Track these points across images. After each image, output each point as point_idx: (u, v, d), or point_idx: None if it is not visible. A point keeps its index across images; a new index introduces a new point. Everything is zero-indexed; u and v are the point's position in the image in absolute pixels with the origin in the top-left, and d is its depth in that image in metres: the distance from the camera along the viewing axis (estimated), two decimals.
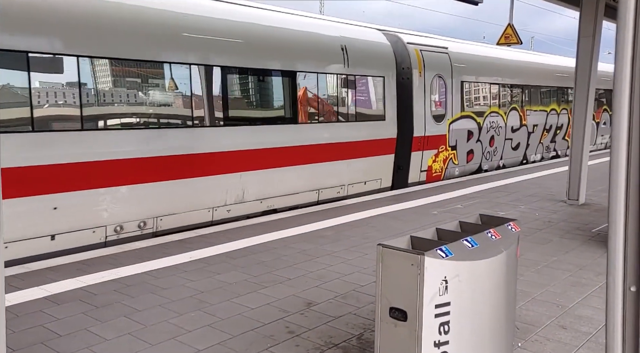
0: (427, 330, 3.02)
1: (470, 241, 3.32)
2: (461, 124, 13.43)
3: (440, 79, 12.63)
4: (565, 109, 18.45)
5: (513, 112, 15.64)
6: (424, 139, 12.16)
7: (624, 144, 2.08)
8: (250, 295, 5.29)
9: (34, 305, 4.99)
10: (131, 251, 6.74)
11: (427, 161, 12.45)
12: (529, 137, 16.59)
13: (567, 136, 18.54)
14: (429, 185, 12.01)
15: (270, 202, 9.22)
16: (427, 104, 12.20)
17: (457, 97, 13.18)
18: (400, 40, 11.95)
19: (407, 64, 11.80)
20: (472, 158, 14.08)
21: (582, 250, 6.99)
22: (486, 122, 14.44)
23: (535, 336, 4.43)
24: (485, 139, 14.47)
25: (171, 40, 7.75)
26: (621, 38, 2.04)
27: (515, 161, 16.29)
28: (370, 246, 7.04)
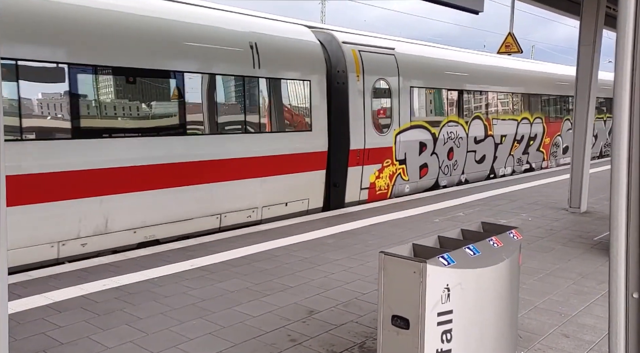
0: (429, 338, 3.01)
1: (473, 249, 3.32)
2: (411, 135, 11.86)
3: (384, 84, 11.13)
4: (539, 118, 16.87)
5: (476, 122, 14.03)
6: (363, 153, 10.66)
7: (625, 151, 2.09)
8: (251, 303, 5.28)
9: (36, 312, 4.99)
10: (132, 259, 6.74)
11: (368, 177, 10.89)
12: (496, 149, 15.01)
13: (543, 147, 17.33)
14: (373, 204, 10.55)
15: (149, 232, 7.62)
16: (368, 112, 10.70)
17: (405, 105, 11.62)
18: (335, 40, 10.47)
19: (343, 67, 10.31)
20: (427, 173, 12.48)
21: (584, 258, 6.97)
22: (443, 132, 12.82)
23: (538, 345, 4.42)
24: (442, 151, 12.87)
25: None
26: (621, 47, 2.05)
27: (480, 176, 14.70)
28: (372, 254, 7.04)
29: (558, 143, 18.22)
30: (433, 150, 12.57)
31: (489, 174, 15.01)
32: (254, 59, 8.76)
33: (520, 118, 15.87)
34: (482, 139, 14.33)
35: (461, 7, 5.85)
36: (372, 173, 11.00)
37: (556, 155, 18.24)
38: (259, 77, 8.86)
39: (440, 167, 12.89)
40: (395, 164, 11.52)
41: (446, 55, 13.52)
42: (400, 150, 11.57)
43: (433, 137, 12.52)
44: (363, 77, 10.57)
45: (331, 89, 10.33)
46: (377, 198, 11.24)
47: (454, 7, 5.82)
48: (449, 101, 13.07)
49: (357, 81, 10.44)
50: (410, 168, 11.97)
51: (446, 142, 12.94)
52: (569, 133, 18.18)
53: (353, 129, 10.42)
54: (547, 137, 17.38)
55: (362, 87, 10.57)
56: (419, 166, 12.25)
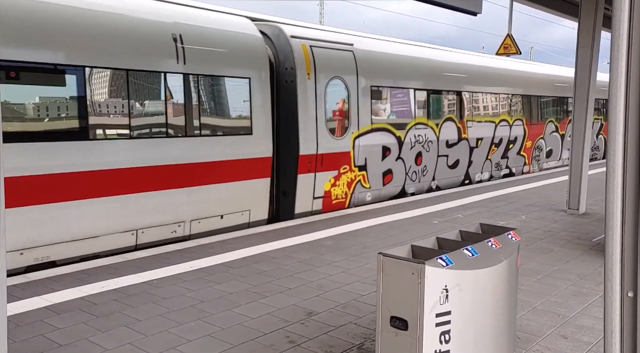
0: (428, 339, 3.02)
1: (471, 250, 3.33)
2: (372, 138, 10.87)
3: (340, 83, 10.17)
4: (519, 120, 15.86)
5: (448, 124, 13.01)
6: (316, 158, 9.70)
7: (620, 151, 2.11)
8: (250, 305, 5.28)
9: (35, 314, 4.99)
10: (131, 260, 6.74)
11: (323, 185, 9.91)
12: (471, 153, 13.98)
13: (524, 151, 16.36)
14: (329, 215, 9.61)
15: (42, 252, 6.63)
16: (321, 114, 9.76)
17: (365, 106, 10.64)
18: (282, 33, 9.49)
19: (291, 64, 9.34)
20: (391, 180, 11.49)
21: (582, 259, 6.98)
22: (409, 136, 11.79)
23: (536, 346, 4.43)
24: (408, 156, 11.84)
25: None
26: (616, 48, 2.06)
27: (453, 182, 13.71)
28: (371, 255, 7.04)
29: (541, 147, 17.29)
30: (398, 155, 11.58)
31: (464, 180, 14.04)
32: (177, 53, 7.72)
33: (498, 120, 14.92)
34: (455, 143, 13.36)
35: (459, 8, 5.86)
36: (327, 181, 10.02)
37: (539, 159, 17.34)
38: (185, 74, 7.80)
39: (407, 173, 11.92)
40: (354, 170, 10.55)
41: (414, 52, 12.46)
42: (359, 155, 10.60)
43: (398, 141, 11.53)
44: (315, 75, 9.63)
45: (279, 88, 9.41)
46: (333, 207, 10.26)
47: (452, 9, 5.83)
48: (417, 102, 12.05)
49: (307, 79, 9.49)
50: (371, 174, 10.99)
51: (413, 146, 11.95)
52: (553, 135, 17.71)
53: (303, 133, 9.48)
54: (529, 140, 16.51)
55: (313, 87, 9.63)
56: (382, 172, 11.26)
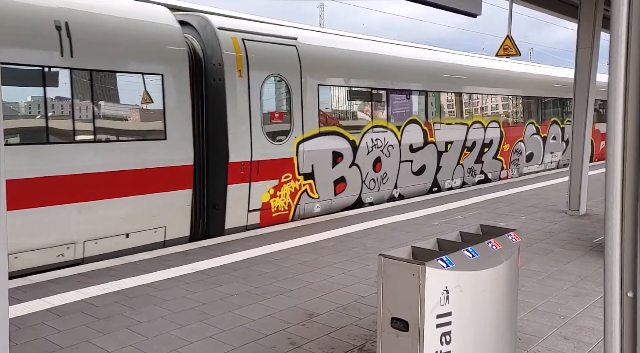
0: (428, 340, 3.03)
1: (471, 251, 3.33)
2: (320, 143, 9.79)
3: (280, 82, 9.13)
4: (495, 122, 14.71)
5: (412, 127, 11.90)
6: (250, 166, 8.62)
7: (619, 151, 2.11)
8: (251, 306, 5.29)
9: (36, 317, 4.99)
10: (132, 263, 6.74)
11: (260, 196, 8.85)
12: (439, 158, 12.85)
13: (501, 155, 15.21)
14: (269, 229, 8.64)
15: None
16: (256, 116, 8.67)
17: (311, 108, 9.59)
18: (209, 25, 8.39)
19: (219, 59, 8.29)
20: (344, 188, 10.41)
21: (583, 260, 6.99)
22: (366, 140, 10.71)
23: (537, 347, 4.43)
24: (365, 162, 10.76)
25: None
26: (615, 49, 2.08)
27: (419, 190, 12.53)
28: (371, 256, 7.05)
29: (520, 150, 16.16)
30: (353, 161, 10.48)
31: (432, 188, 12.92)
32: (62, 45, 6.59)
33: (471, 122, 13.73)
34: (421, 147, 12.21)
35: (459, 10, 5.88)
36: (264, 191, 8.92)
37: (518, 163, 16.20)
38: (72, 69, 6.67)
39: (363, 181, 10.81)
40: (299, 179, 9.44)
41: (371, 48, 11.33)
42: (305, 162, 9.51)
43: (352, 145, 10.43)
44: (248, 72, 8.56)
45: (207, 87, 8.42)
46: (273, 220, 9.15)
47: (452, 11, 5.85)
48: (375, 102, 10.94)
49: (238, 77, 8.41)
50: (320, 183, 9.91)
51: (371, 151, 10.84)
52: (533, 138, 16.76)
53: (234, 138, 8.40)
54: (506, 143, 15.40)
55: (246, 85, 8.53)
56: (334, 180, 10.17)
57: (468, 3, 5.81)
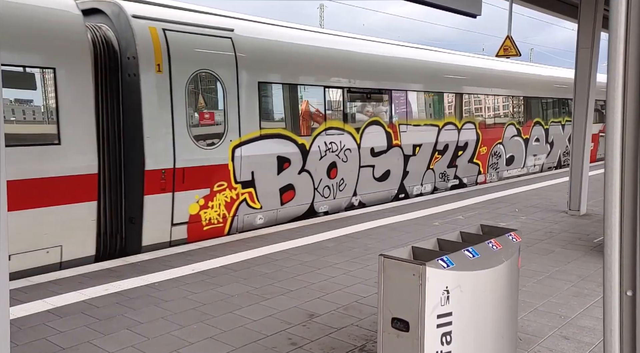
0: (429, 340, 3.03)
1: (472, 251, 3.34)
2: (262, 147, 8.85)
3: (211, 79, 8.19)
4: (470, 123, 13.69)
5: (373, 128, 10.94)
6: (174, 174, 7.65)
7: (618, 151, 2.12)
8: (252, 307, 5.29)
9: (37, 318, 5.00)
10: (133, 264, 6.75)
11: (187, 207, 7.85)
12: (406, 162, 11.85)
13: (477, 158, 14.21)
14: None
15: None
16: (180, 117, 7.71)
17: (251, 108, 8.63)
18: (122, 12, 7.43)
19: (133, 52, 7.33)
20: (293, 197, 9.47)
21: (583, 260, 6.99)
22: (318, 143, 9.77)
23: (537, 347, 4.43)
24: (318, 168, 9.82)
25: None
26: (613, 49, 2.08)
27: (383, 196, 11.50)
28: (372, 257, 7.05)
29: (499, 153, 15.16)
30: (302, 167, 9.56)
31: (398, 194, 11.90)
32: None
33: (442, 123, 12.77)
34: (384, 151, 11.25)
35: (459, 10, 5.88)
36: (193, 202, 7.93)
37: (497, 167, 15.21)
38: None
39: (316, 188, 9.87)
40: (236, 187, 8.48)
41: (326, 42, 10.31)
42: (243, 168, 8.56)
43: (301, 149, 9.50)
44: (170, 67, 7.60)
45: (122, 83, 7.45)
46: (205, 235, 8.16)
47: (452, 11, 5.85)
48: (329, 102, 10.04)
49: (157, 72, 7.47)
50: (263, 191, 8.93)
51: (324, 155, 9.91)
52: (514, 140, 15.76)
53: (151, 142, 7.40)
54: (483, 145, 14.38)
55: (167, 82, 7.58)
56: (280, 188, 9.23)
57: (468, 3, 5.81)
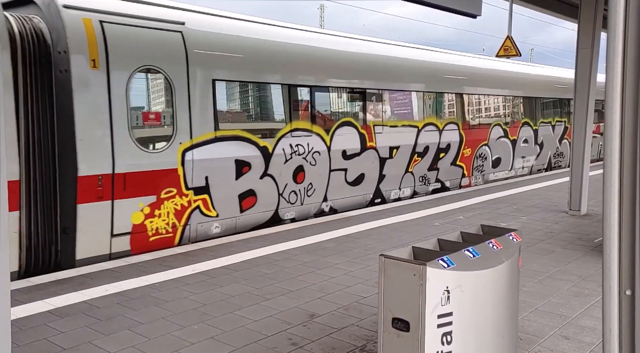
0: (429, 340, 3.03)
1: (472, 251, 3.34)
2: (218, 150, 8.20)
3: (156, 76, 7.57)
4: (453, 124, 13.10)
5: (345, 130, 10.31)
6: (113, 180, 7.06)
7: (617, 151, 2.13)
8: (252, 307, 5.30)
9: (38, 318, 5.00)
10: (134, 264, 6.76)
11: (129, 216, 7.23)
12: (382, 165, 11.24)
13: (461, 160, 13.59)
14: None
15: None
16: (120, 117, 7.07)
17: (204, 107, 8.01)
18: (53, 2, 6.84)
19: (64, 46, 6.71)
20: (254, 204, 8.83)
21: (584, 260, 6.99)
22: (282, 146, 9.13)
23: (538, 347, 4.43)
24: (283, 172, 9.19)
25: None
26: (612, 49, 2.09)
27: (357, 202, 10.84)
28: (372, 257, 7.05)
29: (485, 155, 14.47)
30: (265, 171, 8.93)
31: (373, 199, 11.25)
32: None
33: (422, 124, 12.10)
34: (358, 153, 10.61)
35: (459, 11, 5.88)
36: (136, 210, 7.30)
37: (482, 169, 14.53)
38: None
39: (281, 194, 9.26)
40: (187, 194, 7.88)
41: (289, 37, 9.60)
42: (196, 173, 7.94)
43: (263, 152, 8.87)
44: (107, 63, 7.00)
45: (54, 80, 6.82)
46: (152, 246, 7.51)
47: (452, 11, 5.86)
48: (294, 101, 9.40)
49: (92, 68, 6.87)
50: (219, 198, 8.31)
51: (290, 159, 9.28)
52: (500, 141, 15.07)
53: (85, 145, 6.81)
54: (467, 147, 13.74)
55: (105, 79, 6.98)
56: (239, 194, 8.61)
57: (468, 4, 5.82)
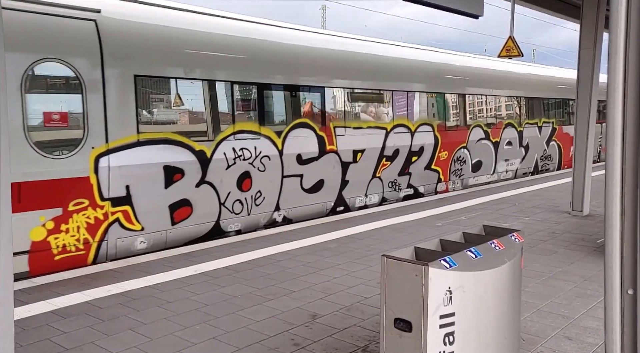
0: (432, 340, 3.03)
1: (474, 252, 3.34)
2: (141, 155, 7.32)
3: (63, 70, 6.69)
4: (427, 125, 12.19)
5: (300, 132, 9.45)
6: None
7: (619, 150, 2.13)
8: (255, 308, 5.30)
9: (41, 318, 5.02)
10: (136, 264, 6.77)
11: (27, 232, 6.40)
12: (345, 170, 10.35)
13: (436, 164, 12.71)
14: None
15: None
16: (14, 117, 6.26)
17: (123, 107, 7.19)
18: None
19: None
20: (190, 215, 7.97)
21: (587, 261, 6.98)
22: (223, 149, 8.27)
23: (540, 347, 4.43)
24: (225, 179, 8.32)
25: None
26: (613, 49, 2.09)
27: (316, 210, 9.97)
28: (374, 258, 7.05)
29: (463, 158, 13.64)
30: (202, 178, 8.04)
31: (335, 207, 10.37)
32: None
33: (391, 126, 11.26)
34: (315, 158, 9.74)
35: (461, 11, 5.88)
36: (36, 225, 6.47)
37: (461, 174, 13.68)
38: None
39: (222, 203, 8.36)
40: (103, 205, 7.00)
41: (227, 28, 8.61)
42: (113, 182, 7.07)
43: (200, 157, 7.99)
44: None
45: None
46: (58, 265, 6.66)
47: (454, 12, 5.86)
48: (237, 100, 8.53)
49: None
50: (144, 209, 7.41)
51: (233, 164, 8.42)
52: (481, 144, 14.18)
53: None
54: (444, 150, 12.87)
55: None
56: (170, 204, 7.71)
57: (470, 4, 5.82)
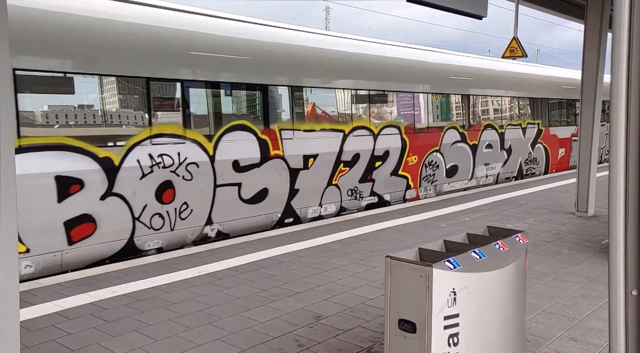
0: (436, 341, 3.03)
1: (478, 252, 3.33)
2: (23, 164, 6.35)
3: None
4: (392, 127, 11.22)
5: (237, 135, 8.49)
6: None
7: (622, 150, 2.12)
8: (259, 309, 5.31)
9: (46, 320, 5.03)
10: (141, 266, 6.78)
11: None
12: (294, 177, 9.40)
13: (404, 170, 11.69)
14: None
15: None
16: None
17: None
18: None
19: None
20: (93, 232, 7.03)
21: (592, 261, 6.95)
22: (136, 156, 7.32)
23: (545, 349, 4.42)
24: (138, 190, 7.38)
25: None
26: (617, 50, 2.09)
27: (259, 222, 9.02)
28: (378, 259, 7.05)
29: (436, 162, 12.61)
30: (109, 189, 7.12)
31: (283, 218, 9.39)
32: None
33: (349, 128, 10.29)
34: (257, 164, 8.79)
35: (465, 12, 5.88)
36: None
37: (433, 180, 12.61)
38: None
39: (137, 218, 7.44)
40: None
41: (145, 17, 7.60)
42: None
43: (105, 165, 7.04)
44: None
45: None
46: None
47: (458, 13, 5.85)
48: (156, 99, 7.58)
49: None
50: (30, 228, 6.47)
51: (150, 172, 7.46)
52: (457, 147, 13.16)
53: None
54: (413, 154, 11.83)
55: None
56: (66, 221, 6.78)
57: (474, 5, 5.81)
